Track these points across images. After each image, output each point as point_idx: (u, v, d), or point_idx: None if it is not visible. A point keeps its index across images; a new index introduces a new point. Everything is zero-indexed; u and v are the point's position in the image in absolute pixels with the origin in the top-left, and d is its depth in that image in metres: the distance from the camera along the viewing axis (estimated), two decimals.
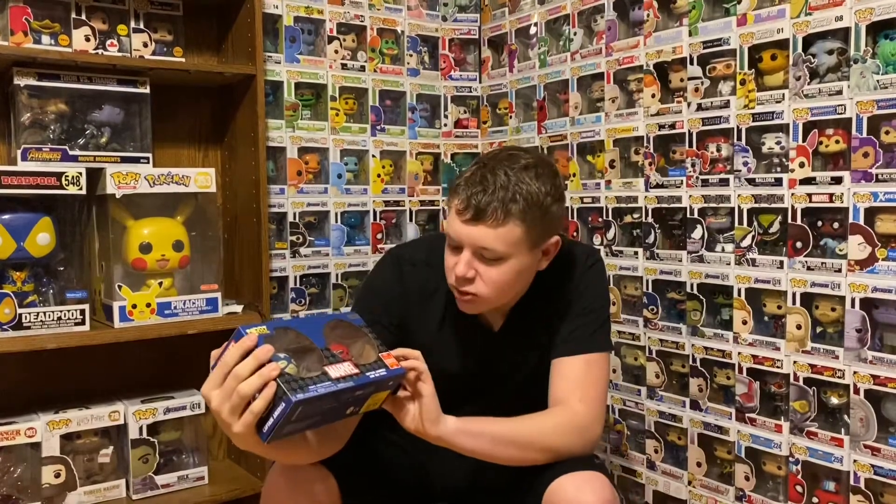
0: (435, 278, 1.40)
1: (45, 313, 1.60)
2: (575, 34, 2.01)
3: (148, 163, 1.77)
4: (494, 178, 1.22)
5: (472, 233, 1.23)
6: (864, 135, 1.41)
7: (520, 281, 1.31)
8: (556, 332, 1.39)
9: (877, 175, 1.40)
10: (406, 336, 1.38)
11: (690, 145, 1.72)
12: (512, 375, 1.44)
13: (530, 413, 1.30)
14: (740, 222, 1.63)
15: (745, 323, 1.63)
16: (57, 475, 1.67)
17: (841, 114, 1.44)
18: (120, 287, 1.69)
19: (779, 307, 1.57)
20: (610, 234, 1.93)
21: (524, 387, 1.43)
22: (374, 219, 2.22)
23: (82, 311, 1.63)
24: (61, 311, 1.61)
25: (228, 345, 0.99)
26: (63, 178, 1.60)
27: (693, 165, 1.72)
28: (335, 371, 1.02)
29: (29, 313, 1.58)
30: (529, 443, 1.25)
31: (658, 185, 1.80)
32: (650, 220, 1.83)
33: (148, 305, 1.71)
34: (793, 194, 1.53)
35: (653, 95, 1.81)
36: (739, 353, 1.64)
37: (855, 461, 1.44)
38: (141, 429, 1.76)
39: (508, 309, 1.42)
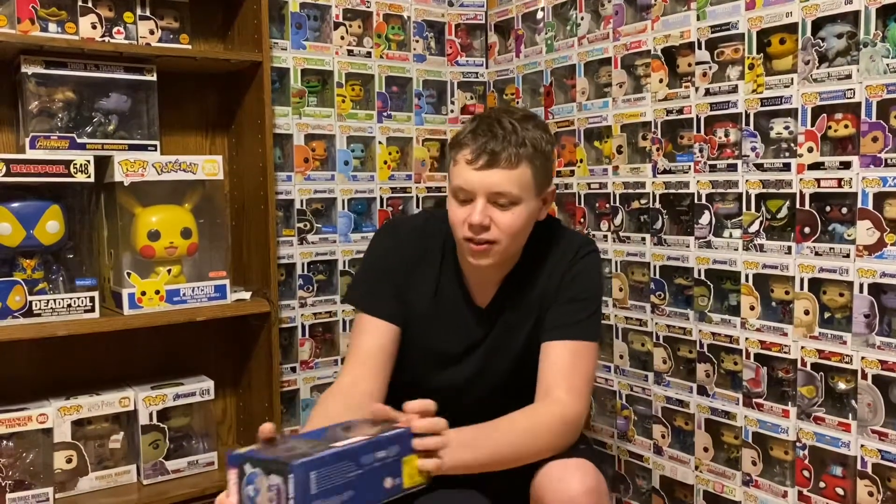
0: (430, 245, 1.44)
1: (54, 300, 1.61)
2: (582, 19, 2.00)
3: (155, 150, 1.78)
4: (501, 127, 1.29)
5: (487, 178, 1.27)
6: (874, 119, 1.40)
7: (527, 228, 1.35)
8: (544, 316, 1.40)
9: (886, 160, 1.39)
10: (405, 307, 1.41)
11: (698, 130, 1.71)
12: (502, 355, 1.44)
13: (521, 397, 1.31)
14: (748, 208, 1.62)
15: (752, 308, 1.63)
16: (69, 460, 1.69)
17: (850, 98, 1.43)
18: (129, 274, 1.70)
19: (786, 293, 1.56)
20: (617, 220, 1.92)
21: (515, 368, 1.44)
22: (381, 205, 2.22)
23: (92, 299, 1.65)
24: (71, 299, 1.63)
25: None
26: (71, 166, 1.61)
27: (701, 151, 1.71)
28: (340, 444, 0.99)
29: (39, 301, 1.59)
30: (528, 452, 1.26)
31: (666, 171, 1.80)
32: (658, 205, 1.82)
33: (157, 292, 1.72)
34: (801, 179, 1.52)
35: (660, 80, 1.80)
36: (747, 339, 1.63)
37: (862, 446, 1.44)
38: (151, 415, 1.77)
39: (498, 282, 1.43)
